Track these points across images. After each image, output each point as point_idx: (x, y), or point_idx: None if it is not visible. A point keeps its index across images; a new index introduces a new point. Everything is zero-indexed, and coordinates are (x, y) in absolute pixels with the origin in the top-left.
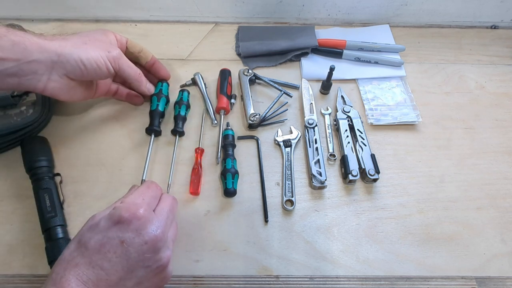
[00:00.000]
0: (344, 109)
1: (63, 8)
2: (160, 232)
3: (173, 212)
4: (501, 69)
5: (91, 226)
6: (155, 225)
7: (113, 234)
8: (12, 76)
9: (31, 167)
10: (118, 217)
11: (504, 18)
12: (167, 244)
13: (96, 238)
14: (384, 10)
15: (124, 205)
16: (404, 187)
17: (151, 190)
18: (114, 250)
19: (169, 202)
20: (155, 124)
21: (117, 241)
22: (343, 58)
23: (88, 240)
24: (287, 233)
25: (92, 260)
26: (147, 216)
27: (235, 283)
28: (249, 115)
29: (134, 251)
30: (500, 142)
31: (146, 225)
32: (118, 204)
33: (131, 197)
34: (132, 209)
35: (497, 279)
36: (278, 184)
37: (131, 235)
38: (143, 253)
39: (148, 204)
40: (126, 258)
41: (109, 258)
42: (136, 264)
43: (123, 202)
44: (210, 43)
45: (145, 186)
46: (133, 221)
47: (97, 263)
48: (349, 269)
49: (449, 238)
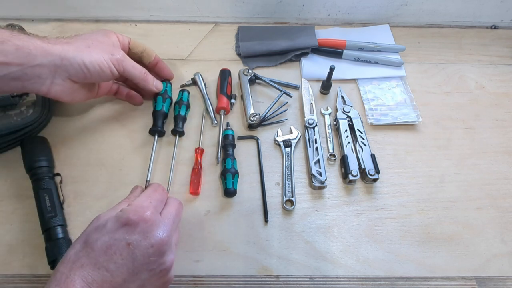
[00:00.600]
0: (344, 109)
1: (63, 8)
2: (165, 236)
3: (178, 217)
4: (501, 69)
5: (97, 227)
6: (162, 229)
7: (120, 236)
8: (16, 80)
9: (31, 167)
10: (126, 219)
11: (504, 18)
12: (171, 248)
13: (102, 239)
14: (384, 10)
15: (132, 208)
16: (404, 187)
17: (158, 193)
18: (120, 252)
19: (176, 207)
20: (159, 124)
21: (124, 243)
22: (343, 58)
23: (95, 241)
24: (287, 233)
25: (98, 261)
26: (154, 219)
27: (235, 283)
28: (249, 115)
29: (140, 253)
30: (500, 142)
31: (153, 228)
32: (125, 206)
33: (139, 200)
34: (140, 211)
35: (497, 279)
36: (278, 184)
37: (137, 237)
38: (148, 256)
39: (155, 207)
40: (131, 261)
41: (115, 260)
42: (141, 267)
43: (130, 204)
44: (210, 43)
45: (152, 189)
46: (140, 224)
47: (103, 265)
48: (349, 269)
49: (449, 238)
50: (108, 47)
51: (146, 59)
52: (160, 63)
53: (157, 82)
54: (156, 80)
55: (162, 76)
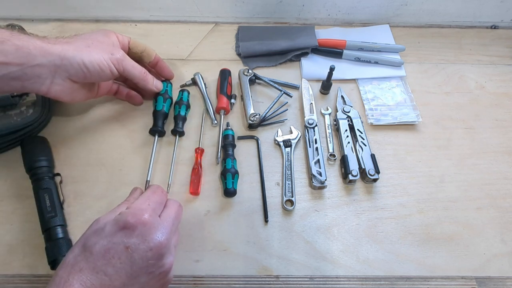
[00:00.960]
0: (344, 109)
1: (63, 8)
2: (164, 239)
3: (178, 219)
4: (501, 69)
5: (96, 230)
6: (160, 232)
7: (118, 240)
8: (15, 80)
9: (31, 167)
10: (124, 222)
11: (504, 18)
12: (170, 250)
13: (101, 243)
14: (384, 10)
15: (130, 211)
16: (404, 187)
17: (157, 195)
18: (118, 256)
19: (175, 209)
20: (159, 125)
21: (122, 246)
22: (343, 58)
23: (93, 244)
24: (287, 233)
25: (97, 265)
26: (153, 222)
27: (235, 283)
28: (249, 115)
29: (139, 257)
30: (500, 142)
31: (151, 231)
32: (124, 209)
33: (137, 202)
34: (138, 214)
35: (497, 279)
36: (278, 184)
37: (136, 241)
38: (147, 260)
39: (154, 209)
40: (130, 264)
41: (113, 264)
42: (140, 270)
43: (129, 207)
44: (210, 43)
45: (151, 191)
46: (138, 227)
47: (101, 269)
48: (349, 269)
49: (449, 238)
50: (108, 47)
51: (146, 58)
52: (161, 63)
53: (157, 81)
54: (156, 80)
55: (163, 75)
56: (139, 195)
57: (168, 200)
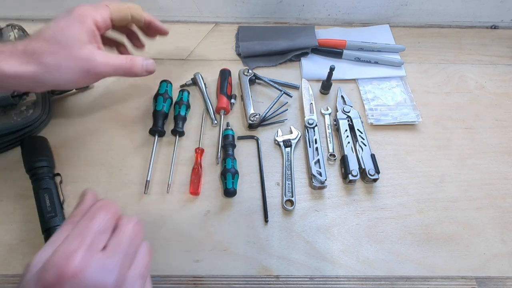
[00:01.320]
0: (344, 109)
1: (63, 8)
2: (113, 278)
3: (135, 242)
4: (501, 69)
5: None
6: (103, 272)
7: None
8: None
9: (31, 167)
10: (45, 282)
11: (504, 18)
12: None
13: None
14: (384, 10)
15: (53, 260)
16: (404, 187)
17: (97, 221)
18: None
19: (129, 231)
20: (159, 125)
21: None
22: (343, 58)
23: None
24: (287, 233)
25: None
26: (86, 268)
27: (235, 283)
28: (249, 115)
29: None
30: (500, 142)
31: (88, 279)
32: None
33: (66, 241)
34: (62, 265)
35: (497, 279)
36: (278, 184)
37: None
38: None
39: (91, 244)
40: None
41: None
42: None
43: (55, 252)
44: (210, 43)
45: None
46: (66, 283)
47: None
48: (349, 269)
49: (449, 238)
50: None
51: (137, 24)
52: (153, 23)
53: (146, 61)
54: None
55: (160, 34)
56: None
57: (120, 220)
